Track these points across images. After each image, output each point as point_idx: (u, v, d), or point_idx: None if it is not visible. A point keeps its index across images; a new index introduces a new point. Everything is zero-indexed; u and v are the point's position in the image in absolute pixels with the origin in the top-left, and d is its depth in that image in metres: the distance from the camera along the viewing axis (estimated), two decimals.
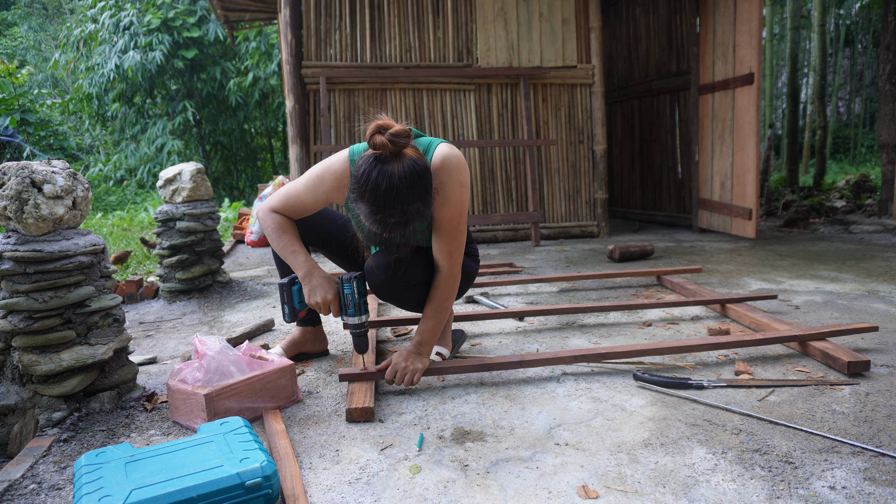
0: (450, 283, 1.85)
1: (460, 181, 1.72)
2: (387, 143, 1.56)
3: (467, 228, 2.08)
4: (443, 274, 1.84)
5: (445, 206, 1.72)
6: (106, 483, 1.20)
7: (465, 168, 1.74)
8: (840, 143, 14.56)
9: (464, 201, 1.75)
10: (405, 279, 1.85)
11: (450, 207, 1.73)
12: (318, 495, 1.33)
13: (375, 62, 4.95)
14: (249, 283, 3.63)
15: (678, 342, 2.06)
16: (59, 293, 1.75)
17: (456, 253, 1.81)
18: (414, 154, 1.63)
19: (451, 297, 1.88)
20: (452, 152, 1.73)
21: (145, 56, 9.64)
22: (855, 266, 3.68)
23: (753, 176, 4.65)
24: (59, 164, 1.86)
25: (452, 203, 1.72)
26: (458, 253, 1.82)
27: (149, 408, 1.86)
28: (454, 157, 1.72)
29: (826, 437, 1.50)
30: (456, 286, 1.87)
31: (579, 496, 1.29)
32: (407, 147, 1.61)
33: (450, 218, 1.74)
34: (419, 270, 1.87)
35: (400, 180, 1.53)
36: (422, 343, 1.87)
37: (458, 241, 1.80)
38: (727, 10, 4.84)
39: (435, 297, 1.86)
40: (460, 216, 1.76)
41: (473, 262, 2.14)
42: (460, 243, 1.81)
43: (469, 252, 2.14)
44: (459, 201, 1.73)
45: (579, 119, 5.37)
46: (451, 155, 1.71)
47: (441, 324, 1.89)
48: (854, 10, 13.78)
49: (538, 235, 4.97)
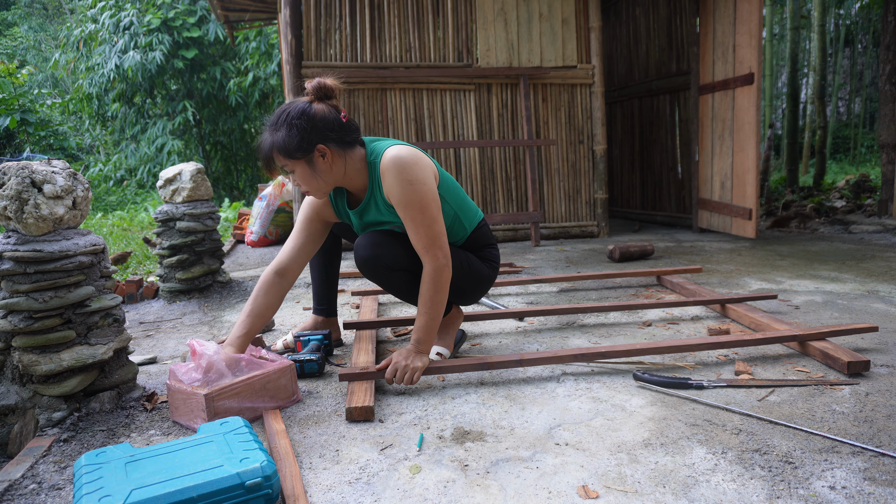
0: (434, 279, 1.82)
1: (409, 179, 1.77)
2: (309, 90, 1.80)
3: (478, 229, 2.11)
4: (426, 269, 1.84)
5: (399, 204, 1.80)
6: (106, 483, 1.20)
7: (415, 165, 1.78)
8: (840, 143, 14.56)
9: (418, 198, 1.77)
10: (385, 262, 1.91)
11: (404, 206, 1.78)
12: (318, 495, 1.33)
13: (375, 62, 4.95)
14: (249, 283, 3.63)
15: (678, 342, 2.06)
16: (59, 293, 1.75)
17: (431, 248, 1.80)
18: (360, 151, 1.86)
19: (440, 293, 1.84)
20: (400, 152, 1.79)
21: (145, 56, 9.64)
22: (855, 266, 3.68)
23: (753, 176, 4.65)
24: (59, 164, 1.86)
25: (405, 201, 1.78)
26: (433, 248, 1.80)
27: (149, 408, 1.86)
28: (401, 157, 1.78)
29: (826, 437, 1.50)
30: (442, 282, 1.83)
31: (579, 496, 1.29)
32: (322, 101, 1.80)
33: (408, 215, 1.79)
34: (399, 256, 1.92)
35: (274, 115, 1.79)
36: (420, 341, 1.87)
37: (429, 237, 1.79)
38: (727, 10, 4.84)
39: (422, 293, 1.85)
40: (421, 212, 1.78)
41: (488, 267, 2.13)
42: (431, 238, 1.80)
43: (485, 256, 2.14)
44: (413, 198, 1.77)
45: (579, 119, 5.37)
46: (398, 155, 1.78)
47: (435, 320, 1.87)
48: (854, 10, 13.78)
49: (538, 235, 4.97)
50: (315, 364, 2.04)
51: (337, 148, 1.81)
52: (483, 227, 2.15)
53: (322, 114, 1.77)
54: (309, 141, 1.75)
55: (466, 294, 2.13)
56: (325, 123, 1.77)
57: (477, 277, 2.07)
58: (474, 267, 2.08)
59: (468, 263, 2.05)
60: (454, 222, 2.03)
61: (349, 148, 1.85)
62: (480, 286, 2.13)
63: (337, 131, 1.79)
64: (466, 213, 2.06)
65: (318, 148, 1.76)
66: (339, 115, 1.81)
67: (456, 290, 2.06)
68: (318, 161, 1.79)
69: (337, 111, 1.82)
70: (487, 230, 2.16)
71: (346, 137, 1.82)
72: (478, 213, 2.14)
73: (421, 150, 1.91)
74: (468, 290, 2.11)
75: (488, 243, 2.16)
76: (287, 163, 1.78)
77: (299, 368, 2.03)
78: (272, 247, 5.35)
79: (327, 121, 1.77)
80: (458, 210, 2.02)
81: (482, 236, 2.14)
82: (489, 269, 2.13)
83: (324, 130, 1.76)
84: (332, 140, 1.79)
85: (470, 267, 2.06)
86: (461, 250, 2.06)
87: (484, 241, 2.15)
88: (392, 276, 1.96)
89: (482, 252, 2.14)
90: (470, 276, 2.06)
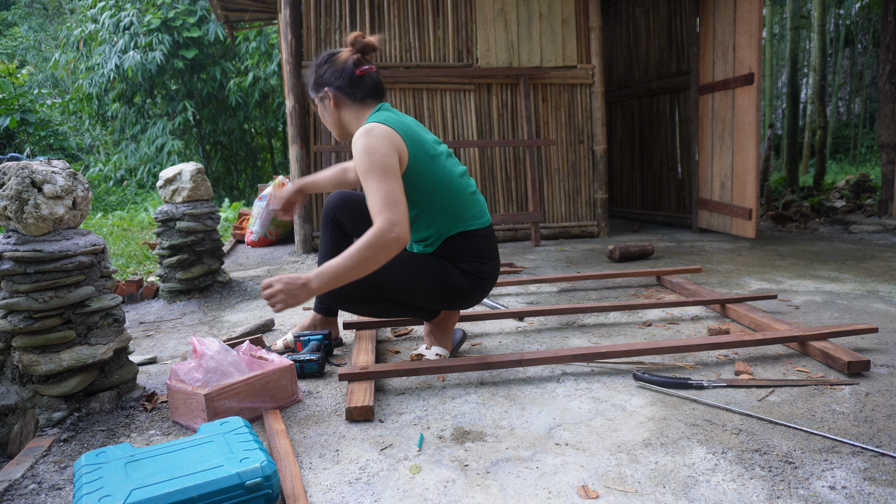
0: (373, 236, 1.69)
1: (364, 149, 1.78)
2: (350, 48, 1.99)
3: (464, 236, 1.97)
4: (372, 227, 1.73)
5: (357, 171, 1.83)
6: (106, 483, 1.20)
7: (375, 137, 1.79)
8: (840, 143, 14.56)
9: (370, 167, 1.76)
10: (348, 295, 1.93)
11: (360, 174, 1.80)
12: (318, 495, 1.33)
13: (375, 62, 4.95)
14: (249, 283, 3.63)
15: (678, 342, 2.06)
16: (59, 293, 1.75)
17: (382, 212, 1.71)
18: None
19: (369, 251, 1.69)
20: (367, 126, 1.83)
21: (145, 56, 9.63)
22: (855, 266, 3.68)
23: (753, 176, 4.65)
24: (59, 164, 1.86)
25: (360, 170, 1.79)
26: (384, 211, 1.71)
27: (149, 408, 1.86)
28: (369, 128, 1.82)
29: (826, 437, 1.50)
30: (377, 243, 1.69)
31: (579, 496, 1.29)
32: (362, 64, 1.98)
33: (364, 182, 1.79)
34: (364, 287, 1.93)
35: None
36: (318, 275, 1.71)
37: (382, 202, 1.73)
38: (727, 10, 4.84)
39: (356, 242, 1.73)
40: (365, 175, 1.77)
41: (469, 282, 1.98)
42: (385, 203, 1.72)
43: (469, 270, 1.98)
44: (365, 168, 1.77)
45: (579, 119, 5.37)
46: (368, 127, 1.83)
47: (348, 270, 1.70)
48: (854, 10, 13.78)
49: (538, 235, 4.97)
50: (315, 364, 2.05)
51: (341, 96, 1.95)
52: (474, 237, 1.98)
53: (339, 62, 1.95)
54: (319, 83, 1.97)
55: (437, 305, 2.02)
56: (336, 72, 1.94)
57: (452, 290, 1.95)
58: (451, 279, 1.95)
59: (444, 275, 1.95)
60: (418, 217, 1.94)
61: (354, 101, 1.96)
62: (453, 300, 1.99)
63: (345, 81, 1.94)
64: (446, 214, 1.94)
65: (325, 90, 1.96)
66: (355, 68, 1.94)
67: (428, 298, 1.98)
68: (327, 103, 1.98)
69: (357, 65, 1.95)
70: (482, 242, 2.00)
71: (353, 91, 1.95)
72: (471, 219, 1.99)
73: (416, 128, 1.90)
74: (438, 301, 2.00)
75: (479, 256, 1.99)
76: (311, 96, 2.02)
77: (299, 368, 2.03)
78: (272, 247, 5.35)
79: (339, 70, 1.94)
80: (426, 205, 1.92)
81: (472, 246, 1.98)
82: (470, 284, 1.98)
83: (333, 77, 1.95)
84: (339, 88, 1.95)
85: (446, 278, 1.95)
86: (445, 261, 1.97)
87: (472, 252, 1.98)
88: (363, 307, 1.97)
89: (465, 263, 1.98)
90: (444, 288, 1.95)
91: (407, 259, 1.96)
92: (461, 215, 1.97)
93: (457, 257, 1.99)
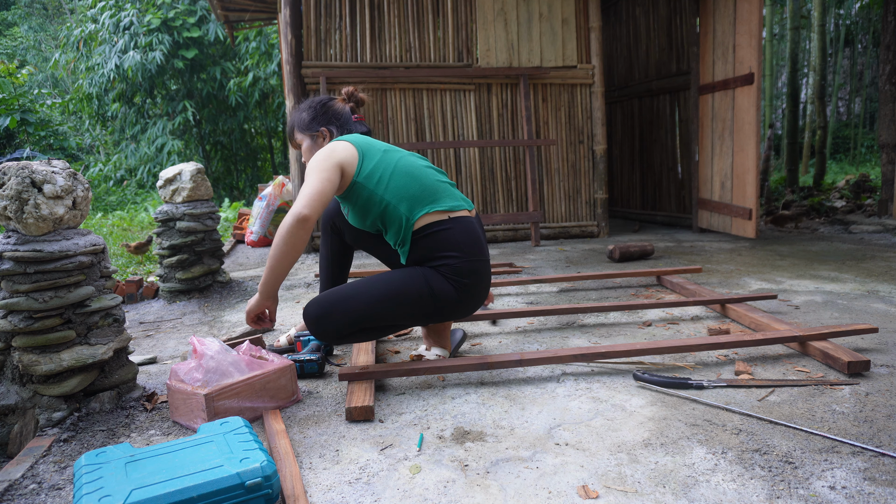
0: (284, 224, 1.78)
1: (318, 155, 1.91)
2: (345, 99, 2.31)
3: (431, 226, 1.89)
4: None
5: None
6: (106, 483, 1.20)
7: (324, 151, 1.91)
8: (840, 143, 14.55)
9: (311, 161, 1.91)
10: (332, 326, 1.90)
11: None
12: (318, 495, 1.33)
13: (375, 62, 4.95)
14: (249, 283, 3.63)
15: (678, 342, 2.06)
16: (59, 293, 1.75)
17: (302, 195, 1.81)
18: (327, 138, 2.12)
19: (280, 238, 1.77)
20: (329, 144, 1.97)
21: (145, 56, 9.63)
22: (855, 266, 3.68)
23: (753, 176, 4.65)
24: (59, 164, 1.86)
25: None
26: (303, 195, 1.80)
27: (149, 408, 1.86)
28: (326, 147, 1.95)
29: (826, 437, 1.50)
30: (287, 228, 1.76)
31: (579, 496, 1.29)
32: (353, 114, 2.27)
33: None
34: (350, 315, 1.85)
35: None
36: (261, 283, 1.88)
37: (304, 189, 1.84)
38: (727, 10, 4.84)
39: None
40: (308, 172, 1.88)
41: (449, 283, 1.87)
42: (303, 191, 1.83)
43: (445, 273, 1.86)
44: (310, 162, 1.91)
45: (579, 119, 5.37)
46: (327, 146, 1.95)
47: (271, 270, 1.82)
48: (854, 10, 13.78)
49: (538, 235, 4.97)
50: (315, 364, 2.05)
51: (338, 134, 2.13)
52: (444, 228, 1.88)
53: (338, 107, 2.17)
54: (316, 123, 2.12)
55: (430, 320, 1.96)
56: (335, 115, 2.14)
57: (439, 300, 1.87)
58: (435, 287, 1.86)
59: (428, 286, 1.86)
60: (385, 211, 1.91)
61: None
62: (443, 311, 1.91)
63: (342, 122, 2.15)
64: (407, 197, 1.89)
65: (322, 130, 2.11)
66: (351, 114, 2.20)
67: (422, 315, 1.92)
68: (319, 140, 2.12)
69: (352, 112, 2.22)
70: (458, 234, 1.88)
71: (342, 134, 2.14)
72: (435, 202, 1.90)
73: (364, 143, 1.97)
74: (430, 314, 1.91)
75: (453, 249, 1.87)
76: (298, 136, 2.13)
77: (299, 368, 2.04)
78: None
79: (338, 113, 2.15)
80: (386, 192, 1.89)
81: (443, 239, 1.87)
82: (455, 288, 1.87)
83: (332, 119, 2.13)
84: (336, 127, 2.13)
85: (431, 289, 1.86)
86: (425, 269, 1.88)
87: (444, 245, 1.87)
88: (357, 337, 1.93)
89: (439, 261, 1.87)
90: (430, 301, 1.87)
91: (386, 284, 1.87)
92: (423, 198, 1.89)
93: (430, 257, 1.88)
